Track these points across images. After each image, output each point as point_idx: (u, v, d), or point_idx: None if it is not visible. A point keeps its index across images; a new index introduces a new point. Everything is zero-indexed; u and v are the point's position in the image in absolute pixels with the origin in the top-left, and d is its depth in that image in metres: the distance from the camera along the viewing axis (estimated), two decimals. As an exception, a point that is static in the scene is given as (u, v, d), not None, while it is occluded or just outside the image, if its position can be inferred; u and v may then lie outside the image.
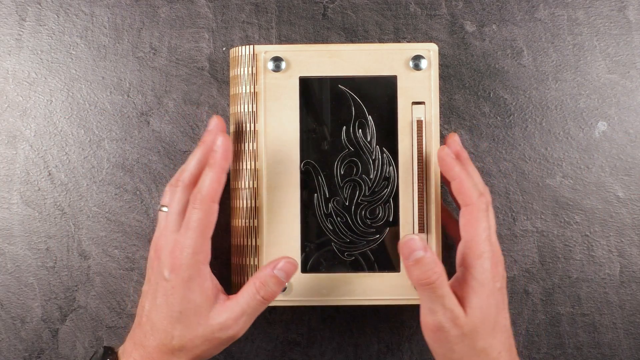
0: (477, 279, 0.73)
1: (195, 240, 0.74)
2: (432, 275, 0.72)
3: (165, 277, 0.74)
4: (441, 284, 0.72)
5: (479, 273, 0.73)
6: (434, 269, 0.72)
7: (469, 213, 0.75)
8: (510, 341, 0.75)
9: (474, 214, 0.75)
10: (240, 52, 0.81)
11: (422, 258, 0.72)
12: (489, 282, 0.73)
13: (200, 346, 0.75)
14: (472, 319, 0.72)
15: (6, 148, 0.87)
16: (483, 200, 0.75)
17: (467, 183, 0.75)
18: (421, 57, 0.80)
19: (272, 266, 0.76)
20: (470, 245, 0.74)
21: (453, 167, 0.76)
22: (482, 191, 0.76)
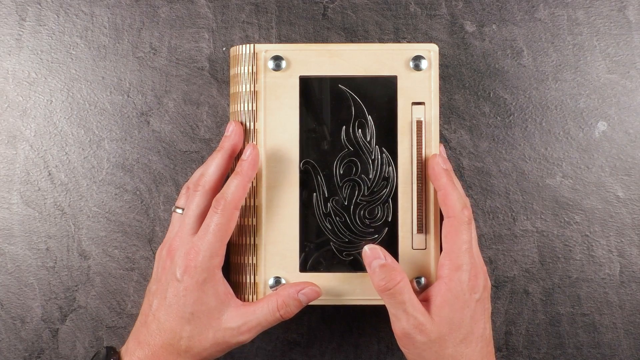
0: (451, 290, 0.75)
1: (213, 244, 0.75)
2: (390, 282, 0.74)
3: (178, 278, 0.75)
4: (401, 290, 0.74)
5: (455, 284, 0.75)
6: (393, 276, 0.74)
7: (450, 225, 0.77)
8: (487, 350, 0.77)
9: (456, 226, 0.76)
10: (240, 51, 0.81)
11: (383, 265, 0.75)
12: (464, 294, 0.75)
13: (209, 349, 0.76)
14: (439, 327, 0.74)
15: (6, 148, 0.87)
16: (466, 213, 0.76)
17: (452, 195, 0.77)
18: (421, 57, 0.80)
19: (298, 289, 0.78)
20: (450, 256, 0.76)
21: (441, 177, 0.78)
22: (466, 204, 0.78)
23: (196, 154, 0.87)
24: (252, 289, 0.80)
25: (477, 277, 0.76)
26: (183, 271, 0.75)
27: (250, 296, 0.80)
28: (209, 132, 0.87)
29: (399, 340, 0.76)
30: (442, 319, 0.74)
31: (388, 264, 0.75)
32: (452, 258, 0.76)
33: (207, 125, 0.87)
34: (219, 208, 0.75)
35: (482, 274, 0.77)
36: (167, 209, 0.87)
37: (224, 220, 0.75)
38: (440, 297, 0.75)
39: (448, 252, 0.76)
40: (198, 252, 0.74)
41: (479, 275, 0.76)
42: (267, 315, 0.76)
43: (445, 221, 0.77)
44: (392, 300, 0.75)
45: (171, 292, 0.75)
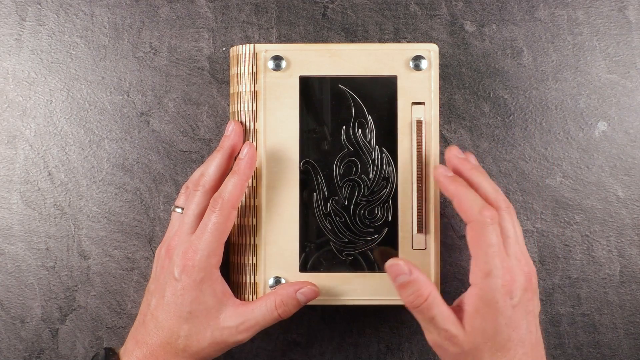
0: (482, 298, 0.71)
1: (211, 244, 0.75)
2: (417, 299, 0.72)
3: (176, 277, 0.75)
4: (429, 306, 0.72)
5: (485, 292, 0.71)
6: (420, 292, 0.72)
7: (471, 229, 0.73)
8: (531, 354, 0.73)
9: (477, 231, 0.72)
10: (240, 51, 0.81)
11: (408, 282, 0.72)
12: (496, 301, 0.71)
13: (207, 348, 0.76)
14: (472, 338, 0.71)
15: (6, 148, 0.87)
16: (486, 214, 0.72)
17: (465, 199, 0.73)
18: (421, 57, 0.80)
19: (296, 288, 0.78)
20: (478, 263, 0.72)
21: (448, 185, 0.75)
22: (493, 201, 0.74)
23: (196, 154, 0.87)
24: (252, 289, 0.80)
25: (513, 280, 0.71)
26: (181, 270, 0.75)
27: (250, 296, 0.80)
28: (209, 132, 0.87)
29: (434, 349, 0.74)
30: (474, 329, 0.71)
31: (414, 280, 0.72)
32: (480, 264, 0.71)
33: (207, 125, 0.87)
34: (217, 207, 0.75)
35: (522, 274, 0.72)
36: (167, 209, 0.87)
37: (221, 219, 0.75)
38: (471, 306, 0.72)
39: (475, 258, 0.72)
40: (196, 251, 0.74)
41: (516, 277, 0.71)
42: (265, 315, 0.76)
43: (467, 227, 0.73)
44: (421, 315, 0.73)
45: (169, 291, 0.75)
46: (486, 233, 0.71)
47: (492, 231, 0.72)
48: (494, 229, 0.72)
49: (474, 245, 0.72)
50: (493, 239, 0.71)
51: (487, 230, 0.71)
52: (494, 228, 0.72)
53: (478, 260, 0.72)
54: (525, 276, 0.72)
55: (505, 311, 0.71)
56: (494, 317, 0.71)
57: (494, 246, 0.71)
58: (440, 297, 0.73)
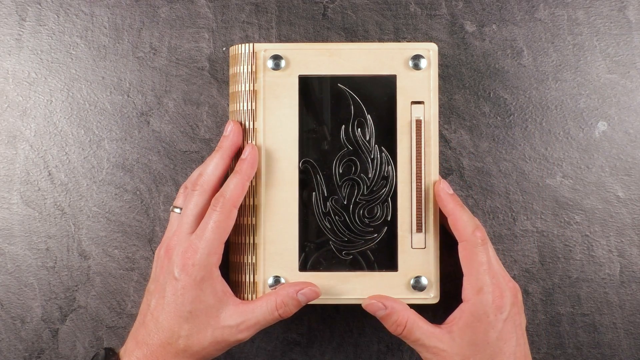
0: (474, 313, 0.76)
1: (211, 242, 0.75)
2: (397, 328, 0.77)
3: (175, 277, 0.75)
4: (409, 331, 0.77)
5: (477, 307, 0.76)
6: (399, 321, 0.77)
7: (464, 248, 0.78)
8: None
9: (470, 249, 0.77)
10: (239, 50, 0.81)
11: (385, 316, 0.78)
12: (487, 315, 0.75)
13: (207, 347, 0.76)
14: (461, 350, 0.76)
15: (6, 148, 0.87)
16: (478, 234, 0.77)
17: (461, 219, 0.78)
18: (421, 56, 0.80)
19: (297, 289, 0.78)
20: (470, 279, 0.77)
21: (447, 202, 0.79)
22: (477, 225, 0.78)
23: (196, 154, 0.87)
24: (252, 288, 0.80)
25: (502, 296, 0.76)
26: (180, 270, 0.75)
27: (249, 295, 0.80)
28: (209, 132, 0.87)
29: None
30: (464, 342, 0.76)
31: (389, 312, 0.77)
32: (472, 281, 0.76)
33: (207, 125, 0.87)
34: (218, 206, 0.75)
35: (508, 290, 0.77)
36: (167, 209, 0.87)
37: (222, 217, 0.75)
38: (462, 320, 0.76)
39: (467, 275, 0.77)
40: (196, 251, 0.74)
41: (505, 293, 0.76)
42: (265, 314, 0.76)
43: (460, 245, 0.78)
44: (408, 340, 0.78)
45: (169, 291, 0.75)
46: (478, 252, 0.77)
47: (482, 251, 0.77)
48: (484, 249, 0.77)
49: (467, 264, 0.77)
50: (483, 258, 0.77)
51: (478, 249, 0.77)
52: (484, 248, 0.77)
53: (470, 277, 0.77)
54: (511, 292, 0.77)
55: (497, 325, 0.75)
56: (484, 331, 0.75)
57: (484, 264, 0.77)
58: (419, 319, 0.77)
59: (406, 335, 0.77)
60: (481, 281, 0.76)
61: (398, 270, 0.80)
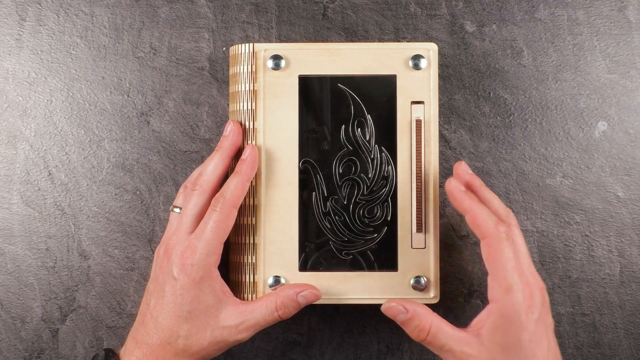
0: (504, 314, 0.70)
1: (210, 242, 0.75)
2: (420, 333, 0.73)
3: (174, 276, 0.75)
4: (434, 336, 0.72)
5: (507, 307, 0.70)
6: (422, 326, 0.73)
7: (488, 246, 0.72)
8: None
9: (494, 246, 0.72)
10: (239, 50, 0.81)
11: (407, 320, 0.73)
12: (519, 316, 0.70)
13: (207, 347, 0.76)
14: (491, 354, 0.71)
15: (6, 148, 0.87)
16: (501, 229, 0.72)
17: (480, 215, 0.73)
18: (421, 56, 0.80)
19: (297, 291, 0.78)
20: (497, 278, 0.71)
21: (463, 200, 0.74)
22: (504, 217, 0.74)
23: (196, 154, 0.87)
24: (252, 289, 0.80)
25: (532, 295, 0.70)
26: (179, 269, 0.75)
27: (249, 295, 0.80)
28: (209, 132, 0.87)
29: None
30: (494, 345, 0.71)
31: (412, 316, 0.73)
32: (500, 279, 0.71)
33: (207, 125, 0.87)
34: (218, 206, 0.75)
35: (538, 290, 0.71)
36: (167, 209, 0.87)
37: (222, 217, 0.75)
38: (491, 322, 0.71)
39: (494, 273, 0.72)
40: (195, 250, 0.74)
41: (535, 292, 0.71)
42: (265, 315, 0.76)
43: (482, 243, 0.73)
44: (431, 347, 0.73)
45: (168, 291, 0.75)
46: (503, 248, 0.71)
47: (508, 246, 0.71)
48: (509, 244, 0.72)
49: (492, 261, 0.72)
50: (510, 254, 0.71)
51: (503, 245, 0.71)
52: (509, 243, 0.72)
53: (497, 275, 0.71)
54: (540, 291, 0.72)
55: (529, 326, 0.70)
56: (517, 333, 0.70)
57: (512, 260, 0.71)
58: (444, 323, 0.73)
59: (430, 341, 0.72)
60: (510, 279, 0.70)
61: (398, 270, 0.80)
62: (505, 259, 0.71)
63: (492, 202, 0.76)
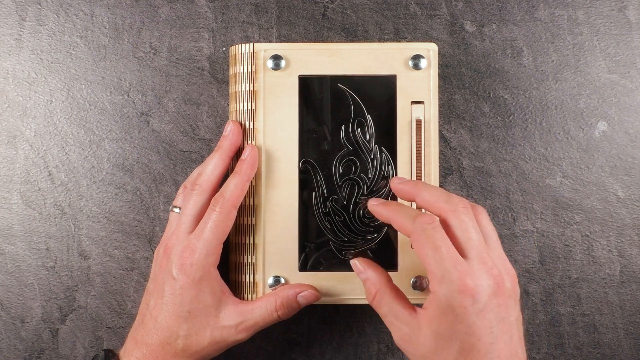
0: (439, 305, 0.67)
1: (210, 242, 0.75)
2: (368, 296, 0.73)
3: (174, 276, 0.75)
4: (379, 302, 0.72)
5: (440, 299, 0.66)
6: (369, 290, 0.73)
7: (414, 241, 0.69)
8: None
9: (418, 240, 0.68)
10: (239, 50, 0.81)
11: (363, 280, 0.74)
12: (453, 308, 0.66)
13: (206, 347, 0.76)
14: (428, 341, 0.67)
15: (6, 148, 0.87)
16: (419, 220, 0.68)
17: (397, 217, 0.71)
18: (421, 56, 0.80)
19: (297, 291, 0.78)
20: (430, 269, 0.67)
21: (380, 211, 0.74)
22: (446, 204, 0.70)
23: (196, 154, 0.87)
24: (252, 289, 0.80)
25: (475, 285, 0.65)
26: (179, 269, 0.75)
27: (249, 295, 0.80)
28: (209, 132, 0.87)
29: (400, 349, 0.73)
30: (429, 332, 0.67)
31: (365, 278, 0.74)
32: (432, 270, 0.67)
33: (207, 125, 0.87)
34: (217, 206, 0.75)
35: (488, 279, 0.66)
36: (167, 209, 0.87)
37: (221, 217, 0.75)
38: (429, 311, 0.67)
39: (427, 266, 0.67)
40: (194, 250, 0.74)
41: (478, 282, 0.66)
42: (265, 315, 0.76)
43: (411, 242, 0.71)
44: (378, 312, 0.72)
45: (168, 291, 0.75)
46: (426, 238, 0.67)
47: (432, 235, 0.67)
48: (434, 232, 0.67)
49: (421, 254, 0.68)
50: (437, 242, 0.67)
51: (426, 235, 0.67)
52: (434, 232, 0.68)
53: (430, 267, 0.67)
54: (493, 279, 0.67)
55: (466, 318, 0.66)
56: (451, 324, 0.66)
57: (440, 249, 0.67)
58: (394, 294, 0.71)
59: (375, 307, 0.71)
60: (441, 269, 0.66)
61: (398, 270, 0.80)
62: (432, 249, 0.67)
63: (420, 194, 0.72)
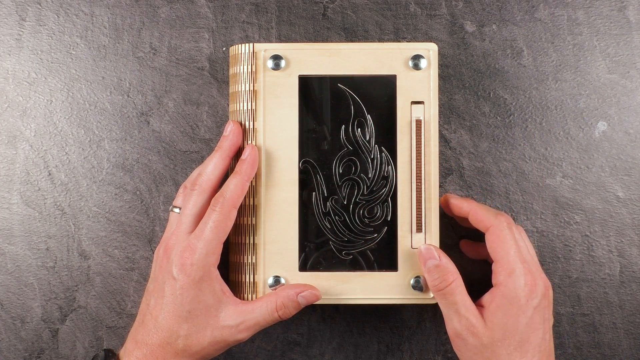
0: (505, 296, 0.74)
1: (210, 242, 0.75)
2: (441, 283, 0.76)
3: (174, 276, 0.75)
4: (452, 291, 0.75)
5: (509, 290, 0.74)
6: (445, 277, 0.76)
7: (491, 234, 0.77)
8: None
9: (497, 233, 0.76)
10: (239, 50, 0.81)
11: (436, 266, 0.76)
12: (519, 299, 0.74)
13: (207, 347, 0.76)
14: (492, 332, 0.74)
15: (6, 148, 0.87)
16: (502, 219, 0.77)
17: (480, 210, 0.79)
18: (421, 56, 0.80)
19: (297, 291, 0.78)
20: (502, 263, 0.75)
21: (462, 204, 0.81)
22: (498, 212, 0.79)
23: (196, 154, 0.87)
24: (252, 289, 0.80)
25: (535, 282, 0.74)
26: (179, 269, 0.75)
27: (249, 295, 0.80)
28: (209, 132, 0.87)
29: (452, 341, 0.77)
30: (494, 324, 0.74)
31: (442, 265, 0.76)
32: (503, 264, 0.75)
33: (207, 125, 0.87)
34: (217, 206, 0.75)
35: (542, 281, 0.75)
36: (167, 209, 0.87)
37: (221, 218, 0.75)
38: (494, 303, 0.75)
39: (498, 260, 0.76)
40: (194, 250, 0.74)
41: (537, 281, 0.74)
42: (265, 315, 0.76)
43: (487, 235, 0.78)
44: (444, 300, 0.76)
45: (168, 291, 0.75)
46: (506, 235, 0.76)
47: (509, 234, 0.76)
48: (511, 233, 0.76)
49: (495, 248, 0.76)
50: (512, 241, 0.76)
51: (505, 232, 0.76)
52: (511, 232, 0.76)
53: (501, 260, 0.75)
54: (544, 283, 0.75)
55: (527, 310, 0.74)
56: (515, 315, 0.74)
57: (514, 247, 0.75)
58: (464, 287, 0.76)
59: (446, 294, 0.75)
60: (512, 263, 0.74)
61: (398, 270, 0.80)
62: (508, 245, 0.75)
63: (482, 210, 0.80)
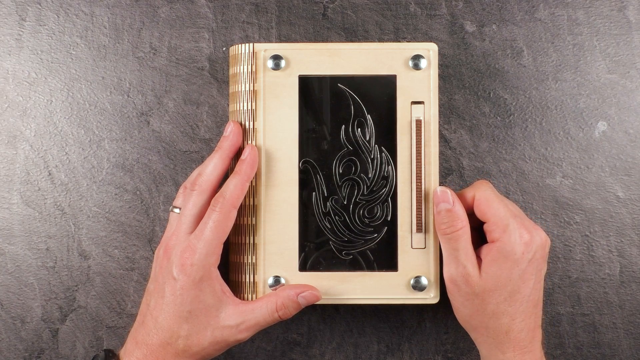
0: (501, 250, 0.75)
1: (210, 242, 0.75)
2: (449, 228, 0.77)
3: (174, 277, 0.75)
4: (458, 237, 0.76)
5: (504, 244, 0.75)
6: (454, 223, 0.76)
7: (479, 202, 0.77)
8: (533, 311, 0.77)
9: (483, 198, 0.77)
10: (239, 50, 0.81)
11: (448, 210, 0.77)
12: (514, 253, 0.75)
13: (207, 348, 0.76)
14: (485, 282, 0.76)
15: (6, 148, 0.87)
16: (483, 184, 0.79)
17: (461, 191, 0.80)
18: (421, 56, 0.80)
19: (298, 292, 0.78)
20: (494, 221, 0.76)
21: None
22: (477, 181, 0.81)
23: (196, 154, 0.87)
24: (252, 289, 0.80)
25: (531, 238, 0.75)
26: (179, 270, 0.75)
27: (249, 295, 0.80)
28: (209, 132, 0.87)
29: (447, 286, 0.78)
30: (488, 275, 0.75)
31: (454, 210, 0.77)
32: (496, 221, 0.76)
33: (207, 125, 0.87)
34: (217, 206, 0.75)
35: (539, 236, 0.76)
36: (167, 209, 0.87)
37: (221, 217, 0.75)
38: (489, 256, 0.76)
39: (489, 219, 0.77)
40: (194, 250, 0.74)
41: (534, 237, 0.76)
42: (265, 316, 0.76)
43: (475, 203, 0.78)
44: (448, 245, 0.77)
45: (168, 291, 0.75)
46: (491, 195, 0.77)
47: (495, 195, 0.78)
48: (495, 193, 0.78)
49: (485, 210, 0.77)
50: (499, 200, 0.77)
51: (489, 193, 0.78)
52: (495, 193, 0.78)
53: (493, 218, 0.76)
54: (541, 238, 0.76)
55: (521, 264, 0.75)
56: (509, 268, 0.75)
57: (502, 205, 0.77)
58: (469, 236, 0.77)
59: (451, 239, 0.77)
60: (504, 219, 0.75)
61: (398, 270, 0.80)
62: (496, 204, 0.77)
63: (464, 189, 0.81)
